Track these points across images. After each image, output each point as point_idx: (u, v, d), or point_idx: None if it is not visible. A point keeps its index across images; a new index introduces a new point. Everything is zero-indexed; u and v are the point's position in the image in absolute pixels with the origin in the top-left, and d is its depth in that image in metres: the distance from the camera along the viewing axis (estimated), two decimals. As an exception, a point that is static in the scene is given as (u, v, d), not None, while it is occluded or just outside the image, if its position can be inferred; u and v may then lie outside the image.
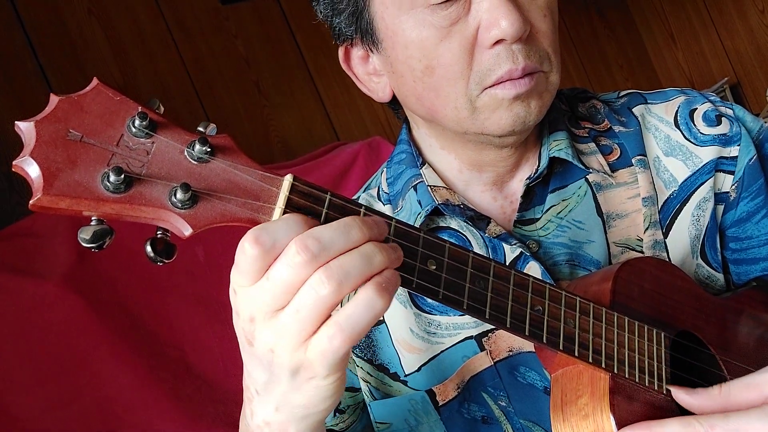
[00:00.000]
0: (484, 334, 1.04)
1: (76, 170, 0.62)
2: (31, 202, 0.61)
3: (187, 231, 0.66)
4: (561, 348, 0.82)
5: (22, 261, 1.94)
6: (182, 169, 0.66)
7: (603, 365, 0.84)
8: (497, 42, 0.93)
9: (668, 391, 0.88)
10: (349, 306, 0.66)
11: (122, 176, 0.62)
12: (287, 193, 0.69)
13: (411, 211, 1.07)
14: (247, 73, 2.97)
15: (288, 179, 0.70)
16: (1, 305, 1.86)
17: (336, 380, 0.71)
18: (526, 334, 0.79)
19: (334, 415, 1.11)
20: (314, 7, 1.07)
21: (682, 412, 0.86)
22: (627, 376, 0.85)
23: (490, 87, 0.95)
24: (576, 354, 0.83)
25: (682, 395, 0.85)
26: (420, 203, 1.06)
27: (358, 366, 1.10)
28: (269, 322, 0.67)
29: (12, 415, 1.80)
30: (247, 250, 0.65)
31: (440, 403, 1.05)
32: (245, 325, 0.69)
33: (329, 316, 0.67)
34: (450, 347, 1.05)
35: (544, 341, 0.81)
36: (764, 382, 0.80)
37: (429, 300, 1.06)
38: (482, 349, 1.04)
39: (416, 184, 1.08)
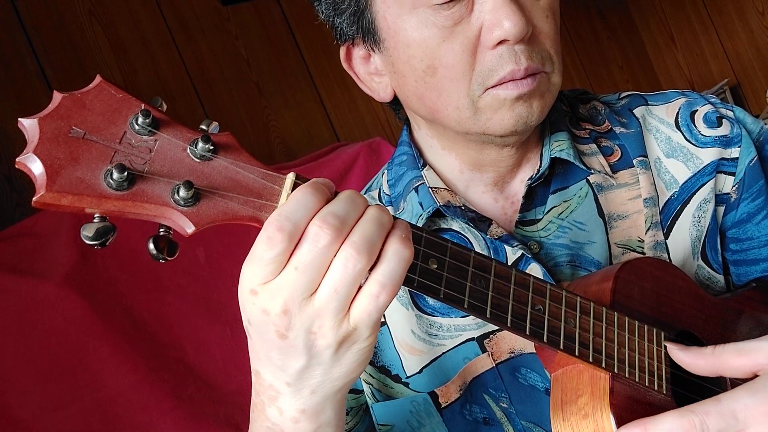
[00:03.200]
0: (486, 335, 1.04)
1: (78, 167, 0.62)
2: (34, 198, 0.61)
3: (189, 229, 0.66)
4: (561, 347, 0.82)
5: (23, 261, 1.95)
6: (185, 166, 0.67)
7: (603, 365, 0.84)
8: (500, 42, 0.93)
9: (668, 390, 0.88)
10: (384, 263, 0.69)
11: (125, 173, 0.62)
12: (289, 191, 0.70)
13: (412, 213, 1.07)
14: (248, 73, 2.97)
15: (290, 177, 0.70)
16: (2, 305, 1.86)
17: (373, 340, 0.73)
18: (527, 333, 0.80)
19: None
20: (316, 7, 1.07)
21: (680, 410, 0.86)
22: (627, 375, 0.85)
23: (492, 87, 0.95)
24: (576, 353, 0.83)
25: (675, 351, 0.87)
26: (421, 205, 1.06)
27: None
28: (305, 307, 0.69)
29: (12, 415, 1.80)
30: (273, 238, 0.66)
31: (442, 405, 1.04)
32: (277, 320, 0.69)
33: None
34: (451, 349, 1.05)
35: (545, 340, 0.81)
36: (757, 350, 0.81)
37: (430, 302, 1.06)
38: (483, 350, 1.04)
39: (417, 185, 1.08)
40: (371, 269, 0.69)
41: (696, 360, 0.85)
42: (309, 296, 0.68)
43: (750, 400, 0.77)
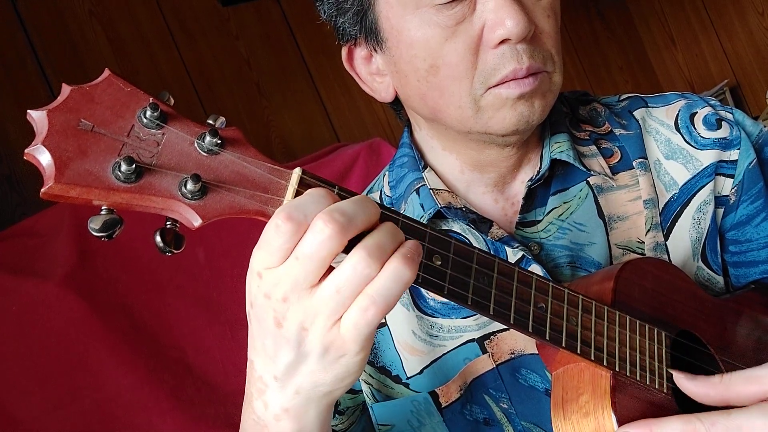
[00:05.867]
0: (486, 336, 1.04)
1: (87, 159, 0.62)
2: (42, 190, 0.61)
3: (196, 222, 0.66)
4: (563, 345, 0.82)
5: (23, 261, 1.94)
6: (192, 160, 0.67)
7: (605, 363, 0.84)
8: (502, 42, 0.93)
9: (669, 389, 0.88)
10: (380, 278, 0.68)
11: (133, 166, 0.62)
12: (296, 186, 0.70)
13: (413, 215, 1.07)
14: (248, 74, 2.97)
15: (297, 172, 0.71)
16: (1, 306, 1.86)
17: (364, 357, 0.72)
18: (530, 330, 0.80)
19: (334, 416, 1.10)
20: (318, 7, 1.07)
21: (682, 410, 0.86)
22: (628, 374, 0.85)
23: (494, 86, 0.95)
24: (578, 351, 0.83)
25: (683, 380, 0.86)
26: (422, 206, 1.07)
27: None
28: (304, 300, 0.69)
29: (11, 415, 1.79)
30: (281, 227, 0.66)
31: (443, 405, 1.05)
32: (277, 306, 0.69)
33: None
34: (452, 350, 1.05)
35: (547, 338, 0.81)
36: (765, 377, 0.80)
37: (431, 303, 1.06)
38: (484, 351, 1.04)
39: (418, 187, 1.08)
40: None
41: (704, 390, 0.84)
42: (309, 288, 0.68)
43: (760, 421, 0.76)
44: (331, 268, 0.69)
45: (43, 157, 0.61)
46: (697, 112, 1.12)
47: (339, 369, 0.73)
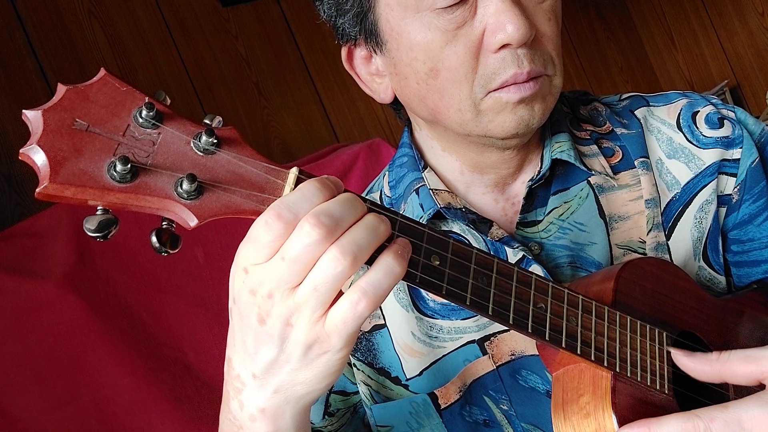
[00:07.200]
0: (486, 338, 1.04)
1: (82, 159, 0.62)
2: (37, 190, 0.61)
3: (192, 222, 0.66)
4: (563, 345, 0.82)
5: (22, 261, 1.94)
6: (188, 160, 0.67)
7: (605, 363, 0.84)
8: (503, 46, 0.93)
9: (670, 390, 0.88)
10: (371, 273, 0.69)
11: (128, 166, 0.62)
12: (292, 186, 0.70)
13: (413, 215, 1.07)
14: (247, 74, 2.97)
15: (293, 172, 0.70)
16: (0, 306, 1.86)
17: (346, 354, 0.73)
18: (529, 330, 0.79)
19: (323, 417, 1.10)
20: (317, 7, 1.07)
21: (683, 411, 0.86)
22: (629, 374, 0.85)
23: (494, 90, 0.95)
24: (578, 352, 0.83)
25: (680, 357, 0.87)
26: (422, 207, 1.06)
27: (358, 369, 1.09)
28: (288, 299, 0.69)
29: (10, 415, 1.79)
30: (270, 224, 0.66)
31: (442, 406, 1.04)
32: (262, 302, 0.70)
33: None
34: (452, 351, 1.05)
35: (547, 338, 0.81)
36: (763, 358, 0.81)
37: (431, 304, 1.06)
38: (484, 352, 1.04)
39: (418, 187, 1.08)
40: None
41: (701, 366, 0.85)
42: (293, 287, 0.69)
43: (758, 410, 0.76)
44: None
45: (37, 156, 0.61)
46: (699, 111, 1.12)
47: (320, 366, 0.73)
